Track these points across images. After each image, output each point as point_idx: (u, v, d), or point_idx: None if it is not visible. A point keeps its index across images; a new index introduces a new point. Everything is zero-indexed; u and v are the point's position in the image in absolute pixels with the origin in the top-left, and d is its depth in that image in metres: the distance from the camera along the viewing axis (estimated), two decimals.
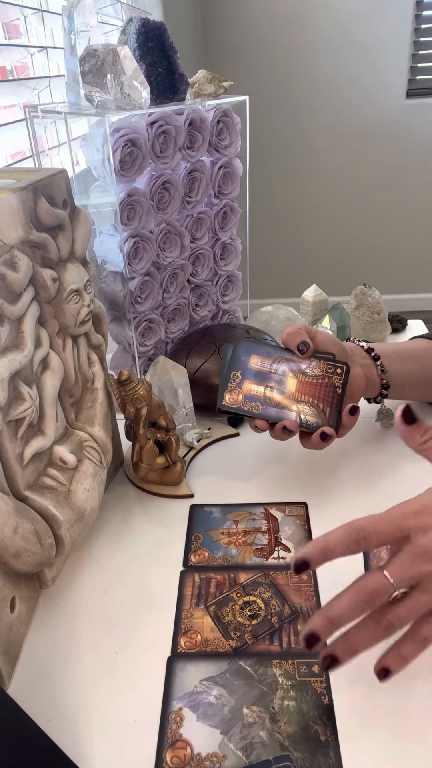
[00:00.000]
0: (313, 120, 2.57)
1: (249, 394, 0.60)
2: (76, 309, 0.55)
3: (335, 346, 0.63)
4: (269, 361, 0.62)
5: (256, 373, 0.61)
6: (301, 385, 0.61)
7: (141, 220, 0.74)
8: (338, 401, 0.61)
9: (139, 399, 0.62)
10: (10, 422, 0.48)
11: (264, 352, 0.62)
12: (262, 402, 0.60)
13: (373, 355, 0.66)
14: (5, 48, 0.91)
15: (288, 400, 0.60)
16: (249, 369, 0.61)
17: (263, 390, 0.61)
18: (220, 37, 2.46)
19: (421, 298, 2.87)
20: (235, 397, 0.61)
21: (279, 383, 0.61)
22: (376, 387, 0.66)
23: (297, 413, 0.60)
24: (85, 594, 0.55)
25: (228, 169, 0.84)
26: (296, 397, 0.61)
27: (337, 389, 0.61)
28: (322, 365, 0.61)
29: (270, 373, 0.61)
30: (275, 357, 0.62)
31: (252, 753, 0.41)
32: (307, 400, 0.60)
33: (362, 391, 0.65)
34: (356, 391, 0.64)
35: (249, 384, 0.61)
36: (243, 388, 0.61)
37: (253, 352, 0.62)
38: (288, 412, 0.60)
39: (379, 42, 2.40)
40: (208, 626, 0.50)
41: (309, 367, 0.61)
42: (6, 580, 0.48)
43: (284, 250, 2.82)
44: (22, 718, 0.40)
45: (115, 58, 0.65)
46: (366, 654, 0.47)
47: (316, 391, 0.61)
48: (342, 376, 0.61)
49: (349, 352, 0.64)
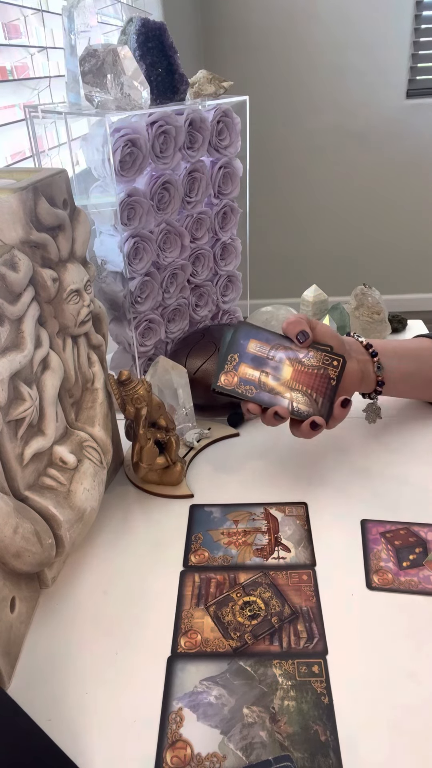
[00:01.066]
0: (313, 120, 2.57)
1: (244, 377, 0.61)
2: (76, 309, 0.55)
3: (334, 339, 0.63)
4: (267, 347, 0.62)
5: (253, 358, 0.62)
6: (296, 373, 0.61)
7: (141, 220, 0.74)
8: (331, 393, 0.61)
9: (139, 399, 0.62)
10: (10, 422, 0.48)
11: (263, 337, 0.62)
12: (256, 386, 0.61)
13: (371, 352, 0.66)
14: (5, 48, 0.91)
15: (282, 387, 0.61)
16: (247, 353, 0.62)
17: (259, 375, 0.61)
18: (220, 37, 2.46)
19: (421, 298, 2.87)
20: (230, 379, 0.61)
21: (275, 370, 0.61)
22: (371, 383, 0.67)
23: (290, 401, 0.61)
24: (85, 594, 0.55)
25: (228, 169, 0.84)
26: (290, 384, 0.61)
27: (332, 381, 0.61)
28: (319, 356, 0.62)
29: (267, 359, 0.62)
30: (274, 344, 0.62)
31: (252, 753, 0.41)
32: (300, 388, 0.61)
33: (357, 385, 0.66)
34: (351, 386, 0.64)
35: (245, 368, 0.61)
36: (239, 371, 0.61)
37: (253, 337, 0.62)
38: (281, 399, 0.61)
39: (379, 42, 2.40)
40: (208, 626, 0.50)
41: (306, 356, 0.62)
42: (6, 580, 0.48)
43: (284, 250, 2.82)
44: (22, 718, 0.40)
45: (115, 58, 0.65)
46: (366, 656, 0.47)
47: (311, 381, 0.61)
48: (338, 369, 0.62)
49: (347, 347, 0.65)
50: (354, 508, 0.62)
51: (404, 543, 0.56)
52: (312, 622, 0.50)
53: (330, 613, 0.50)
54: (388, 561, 0.55)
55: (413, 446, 0.70)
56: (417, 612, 0.50)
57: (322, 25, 2.40)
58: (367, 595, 0.52)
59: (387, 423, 0.74)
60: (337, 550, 0.57)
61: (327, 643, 0.48)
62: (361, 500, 0.63)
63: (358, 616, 0.50)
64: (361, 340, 0.67)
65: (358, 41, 2.41)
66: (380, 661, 0.46)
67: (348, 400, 0.61)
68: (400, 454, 0.69)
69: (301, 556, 0.56)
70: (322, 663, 0.46)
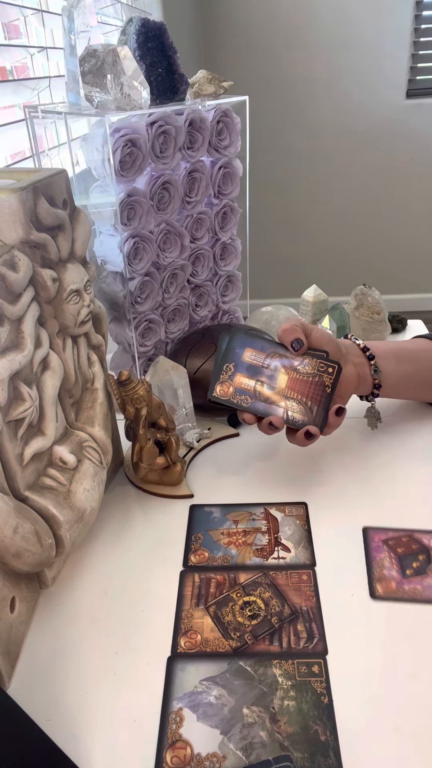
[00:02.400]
0: (313, 120, 2.57)
1: (240, 387, 0.61)
2: (76, 309, 0.55)
3: (330, 343, 0.63)
4: (263, 355, 0.62)
5: (249, 367, 0.62)
6: (291, 381, 0.61)
7: (141, 221, 0.74)
8: (326, 400, 0.61)
9: (139, 399, 0.62)
10: (10, 422, 0.48)
11: (258, 346, 0.63)
12: (251, 396, 0.61)
13: (368, 355, 0.66)
14: (5, 48, 0.91)
15: (277, 395, 0.61)
16: (242, 362, 0.62)
17: (254, 384, 0.61)
18: (220, 37, 2.46)
19: (421, 298, 2.87)
20: (225, 389, 0.61)
21: (270, 378, 0.62)
22: (368, 386, 0.67)
23: (285, 409, 0.61)
24: (85, 594, 0.55)
25: (228, 169, 0.84)
26: (285, 393, 0.61)
27: (327, 388, 0.61)
28: (314, 363, 0.62)
29: (262, 368, 0.62)
30: (269, 352, 0.62)
31: (252, 753, 0.41)
32: (296, 397, 0.61)
33: (353, 389, 0.65)
34: (347, 389, 0.64)
35: (240, 377, 0.62)
36: (234, 380, 0.62)
37: (248, 346, 0.63)
38: (276, 408, 0.61)
39: (379, 42, 2.40)
40: (208, 626, 0.50)
41: (301, 364, 0.62)
42: (6, 580, 0.48)
43: (284, 250, 2.82)
44: (22, 718, 0.40)
45: (115, 59, 0.65)
46: (366, 656, 0.47)
47: (306, 389, 0.61)
48: (333, 376, 0.62)
49: (344, 350, 0.65)
50: (354, 508, 0.62)
51: (407, 551, 0.56)
52: (312, 622, 0.50)
53: (330, 613, 0.50)
54: (391, 569, 0.54)
55: (411, 446, 0.70)
56: (418, 614, 0.50)
57: (322, 25, 2.40)
58: (370, 604, 0.51)
59: (385, 423, 0.74)
60: (337, 549, 0.57)
61: (327, 643, 0.48)
62: (361, 500, 0.63)
63: (358, 615, 0.50)
64: (358, 342, 0.67)
65: (359, 41, 2.41)
66: (380, 661, 0.46)
67: (342, 409, 0.61)
68: (399, 454, 0.69)
69: (301, 556, 0.56)
70: (322, 663, 0.46)
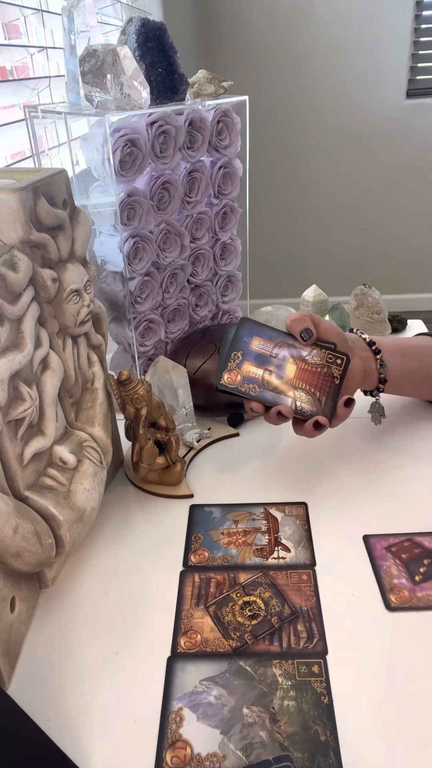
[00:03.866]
0: (313, 120, 2.57)
1: (247, 375, 0.61)
2: (76, 309, 0.55)
3: (338, 336, 0.63)
4: (271, 344, 0.62)
5: (257, 356, 0.61)
6: (300, 371, 0.61)
7: (141, 220, 0.74)
8: (335, 392, 0.61)
9: (139, 399, 0.62)
10: (10, 422, 0.48)
11: (267, 335, 0.62)
12: (259, 384, 0.60)
13: (374, 349, 0.66)
14: (5, 48, 0.91)
15: (285, 385, 0.61)
16: (250, 351, 0.61)
17: (262, 373, 0.61)
18: (220, 37, 2.46)
19: (421, 298, 2.87)
20: (233, 377, 0.61)
21: (278, 368, 0.61)
22: (373, 380, 0.67)
23: (293, 399, 0.60)
24: (85, 594, 0.55)
25: (228, 169, 0.84)
26: (294, 383, 0.61)
27: (335, 379, 0.61)
28: (322, 354, 0.61)
29: (270, 357, 0.61)
30: (277, 341, 0.62)
31: (252, 753, 0.41)
32: (304, 387, 0.61)
33: (359, 383, 0.65)
34: (353, 383, 0.64)
35: (248, 366, 0.61)
36: (242, 369, 0.61)
37: (256, 334, 0.62)
38: (284, 398, 0.60)
39: (379, 42, 2.40)
40: (208, 626, 0.50)
41: (310, 354, 0.61)
42: (6, 580, 0.48)
43: (284, 250, 2.82)
44: (22, 718, 0.40)
45: (114, 58, 0.65)
46: (366, 656, 0.47)
47: (314, 380, 0.61)
48: (341, 367, 0.61)
49: (350, 344, 0.65)
50: (354, 508, 0.62)
51: (411, 556, 0.55)
52: (312, 622, 0.50)
53: (330, 613, 0.50)
54: (400, 577, 0.53)
55: (414, 446, 0.70)
56: (418, 616, 0.50)
57: (322, 25, 2.40)
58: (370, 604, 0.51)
59: (386, 422, 0.74)
60: (337, 549, 0.57)
61: (327, 643, 0.48)
62: (361, 500, 0.63)
63: (358, 615, 0.50)
64: (364, 336, 0.67)
65: (358, 41, 2.41)
66: (380, 660, 0.46)
67: (352, 400, 0.61)
68: (400, 453, 0.69)
69: (301, 556, 0.56)
70: (322, 663, 0.46)
